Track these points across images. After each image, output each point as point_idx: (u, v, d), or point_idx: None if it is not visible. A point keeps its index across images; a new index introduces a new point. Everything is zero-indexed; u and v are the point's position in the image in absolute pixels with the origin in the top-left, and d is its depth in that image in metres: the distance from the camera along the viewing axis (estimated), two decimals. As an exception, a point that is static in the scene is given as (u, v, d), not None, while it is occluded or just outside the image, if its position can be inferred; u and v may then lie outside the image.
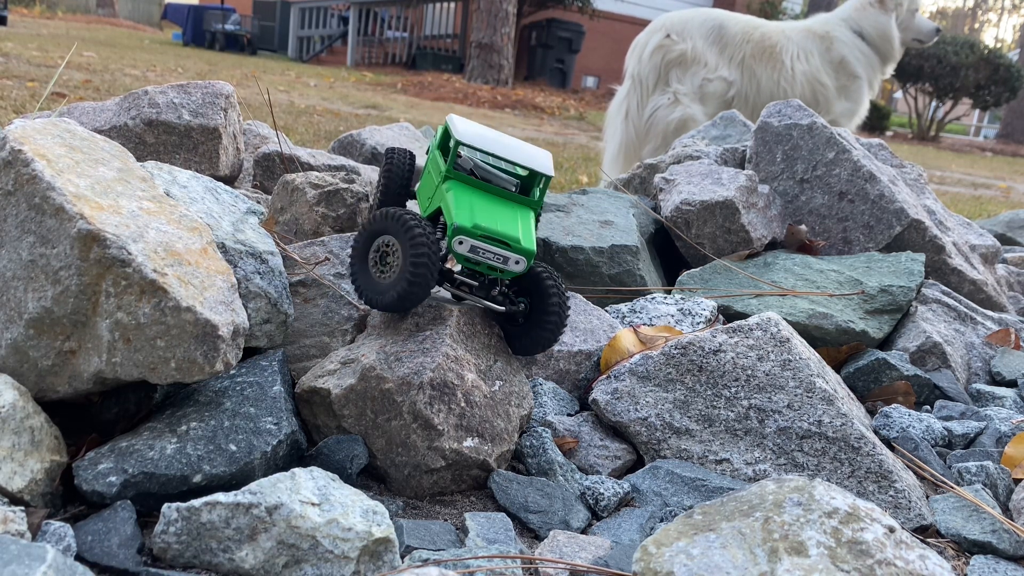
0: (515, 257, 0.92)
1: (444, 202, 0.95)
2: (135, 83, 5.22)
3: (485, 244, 0.90)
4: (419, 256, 0.88)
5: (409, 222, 0.90)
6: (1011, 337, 1.42)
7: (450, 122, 1.00)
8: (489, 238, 0.91)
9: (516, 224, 0.95)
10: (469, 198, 0.95)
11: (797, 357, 1.01)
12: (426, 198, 1.03)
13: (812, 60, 3.01)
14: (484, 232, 0.91)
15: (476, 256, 0.91)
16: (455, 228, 0.90)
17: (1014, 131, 14.68)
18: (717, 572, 0.65)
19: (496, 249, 0.91)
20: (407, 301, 0.90)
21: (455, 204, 0.93)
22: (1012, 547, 0.87)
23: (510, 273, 0.93)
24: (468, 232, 0.90)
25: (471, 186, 0.97)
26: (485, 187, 0.97)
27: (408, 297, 0.90)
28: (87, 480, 0.76)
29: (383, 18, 13.45)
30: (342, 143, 1.86)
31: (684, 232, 1.55)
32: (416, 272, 0.88)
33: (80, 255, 0.77)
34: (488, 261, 0.91)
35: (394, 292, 0.91)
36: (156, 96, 1.41)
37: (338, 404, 0.89)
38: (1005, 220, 2.47)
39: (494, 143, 0.98)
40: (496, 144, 0.98)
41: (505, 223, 0.93)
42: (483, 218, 0.92)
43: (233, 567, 0.70)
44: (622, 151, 3.04)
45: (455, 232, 0.90)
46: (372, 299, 0.94)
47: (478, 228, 0.91)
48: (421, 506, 0.87)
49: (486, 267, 0.92)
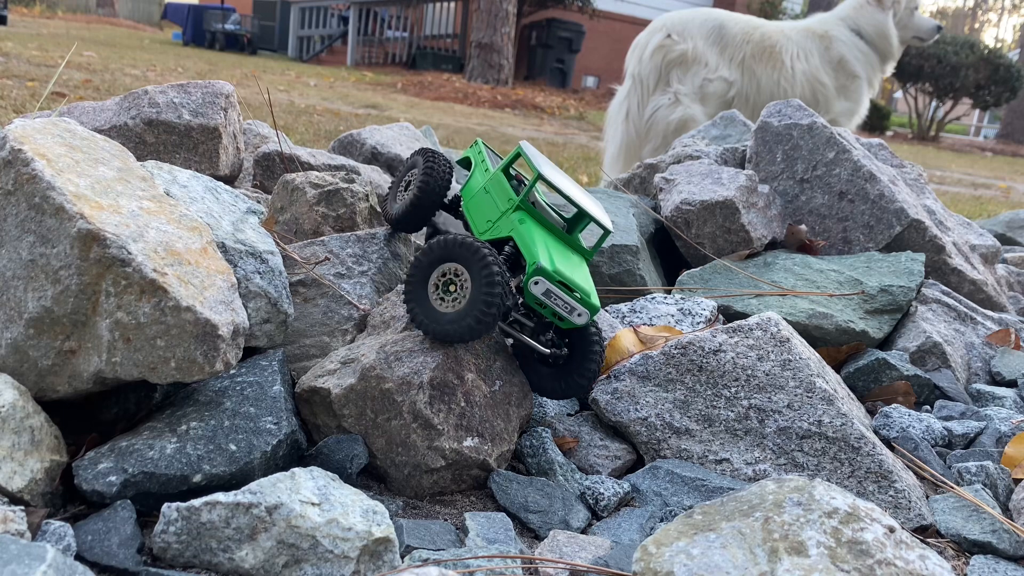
0: (581, 310, 0.90)
1: (519, 234, 0.92)
2: (135, 83, 5.22)
3: (559, 291, 0.89)
4: (493, 294, 0.85)
5: (486, 256, 0.86)
6: (1011, 337, 1.42)
7: (527, 152, 0.98)
8: (565, 286, 0.90)
9: (586, 276, 0.95)
10: (543, 238, 0.93)
11: (797, 357, 1.01)
12: (486, 220, 0.99)
13: (812, 60, 3.01)
14: (562, 279, 0.89)
15: (547, 300, 0.89)
16: (538, 268, 0.88)
17: (1014, 131, 14.68)
18: (717, 572, 0.65)
19: (568, 298, 0.89)
20: (472, 336, 0.87)
21: (535, 241, 0.91)
22: (1012, 547, 0.87)
23: (570, 323, 0.91)
24: (549, 276, 0.88)
25: (540, 224, 0.95)
26: (549, 226, 0.95)
27: (474, 333, 0.87)
28: (87, 480, 0.76)
29: (383, 18, 13.45)
30: (342, 143, 1.86)
31: (684, 232, 1.55)
32: (488, 311, 0.85)
33: (80, 254, 0.77)
34: (556, 307, 0.89)
35: (460, 326, 0.86)
36: (156, 96, 1.41)
37: (338, 404, 0.89)
38: (1005, 220, 2.47)
39: (568, 187, 0.97)
40: (570, 188, 0.97)
41: (578, 274, 0.93)
42: (561, 264, 0.91)
43: (233, 567, 0.70)
44: (623, 151, 3.04)
45: (536, 272, 0.88)
46: (429, 328, 0.89)
47: (558, 274, 0.89)
48: (421, 506, 0.87)
49: (550, 312, 0.90)
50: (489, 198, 1.00)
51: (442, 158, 1.07)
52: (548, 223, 0.95)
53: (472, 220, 1.02)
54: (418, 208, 1.06)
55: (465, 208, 1.04)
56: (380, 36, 13.38)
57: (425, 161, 1.07)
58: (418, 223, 1.09)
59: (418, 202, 1.06)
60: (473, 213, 1.02)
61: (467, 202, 1.04)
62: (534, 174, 0.94)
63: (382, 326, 1.02)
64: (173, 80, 5.81)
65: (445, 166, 1.06)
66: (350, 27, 13.30)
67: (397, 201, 1.13)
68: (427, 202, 1.06)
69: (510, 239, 0.95)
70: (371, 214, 1.33)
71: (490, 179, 1.01)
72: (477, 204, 1.02)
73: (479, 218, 1.00)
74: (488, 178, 1.02)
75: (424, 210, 1.07)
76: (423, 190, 1.05)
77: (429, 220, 1.09)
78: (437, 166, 1.06)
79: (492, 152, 1.14)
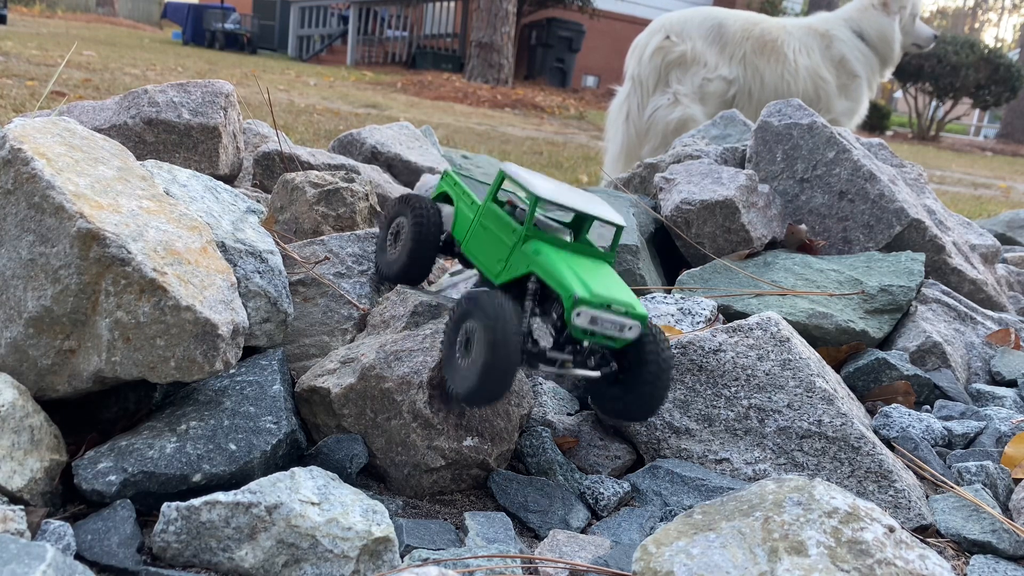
0: (630, 324, 0.84)
1: (540, 267, 0.85)
2: (135, 82, 5.21)
3: (605, 314, 0.82)
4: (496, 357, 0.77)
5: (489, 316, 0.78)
6: (1011, 337, 1.42)
7: (513, 173, 0.91)
8: (607, 307, 0.83)
9: (618, 284, 0.87)
10: (565, 260, 0.86)
11: (797, 357, 1.01)
12: (496, 261, 0.91)
13: (813, 55, 3.01)
14: (603, 301, 0.82)
15: (595, 327, 0.82)
16: (577, 300, 0.81)
17: (1014, 131, 14.67)
18: (717, 572, 0.65)
19: (614, 318, 0.83)
20: (483, 399, 0.80)
21: (560, 270, 0.84)
22: (1012, 547, 0.87)
23: (623, 341, 0.85)
24: (590, 303, 0.81)
25: (554, 245, 0.88)
26: (561, 243, 0.89)
27: (483, 396, 0.80)
28: (87, 479, 0.76)
29: (383, 17, 13.45)
30: (342, 142, 1.86)
31: (684, 231, 1.55)
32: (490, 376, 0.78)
33: (80, 254, 0.77)
34: (607, 332, 0.83)
35: (469, 388, 0.80)
36: (156, 95, 1.41)
37: (338, 403, 0.89)
38: (1005, 220, 2.47)
39: (566, 195, 0.91)
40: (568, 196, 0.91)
41: (612, 286, 0.86)
42: (594, 282, 0.84)
43: (233, 566, 0.70)
44: (623, 152, 3.05)
45: (577, 304, 0.81)
46: (450, 387, 0.84)
47: (597, 297, 0.82)
48: (421, 505, 0.87)
49: (602, 338, 0.84)
50: (490, 234, 0.93)
51: (426, 201, 1.02)
52: (560, 240, 0.89)
53: (481, 264, 0.94)
54: (416, 258, 1.01)
55: (466, 251, 0.97)
56: (380, 35, 13.37)
57: (412, 208, 1.02)
58: (419, 274, 1.03)
59: (415, 252, 1.01)
60: (479, 255, 0.95)
61: (466, 244, 0.97)
62: (531, 198, 0.88)
63: (382, 326, 1.02)
64: (173, 79, 5.81)
65: (432, 209, 1.02)
66: (350, 26, 13.30)
67: (389, 256, 1.06)
68: (425, 250, 1.01)
69: (531, 274, 0.88)
70: (371, 213, 1.33)
71: (482, 213, 0.95)
72: (479, 244, 0.95)
73: (488, 260, 0.93)
74: (479, 212, 0.95)
75: (423, 260, 1.01)
76: (418, 239, 1.00)
77: (430, 269, 1.03)
78: (425, 210, 1.01)
79: (468, 178, 1.07)
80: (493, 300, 0.80)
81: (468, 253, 0.96)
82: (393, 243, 1.06)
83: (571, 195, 0.92)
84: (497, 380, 0.79)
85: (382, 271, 1.08)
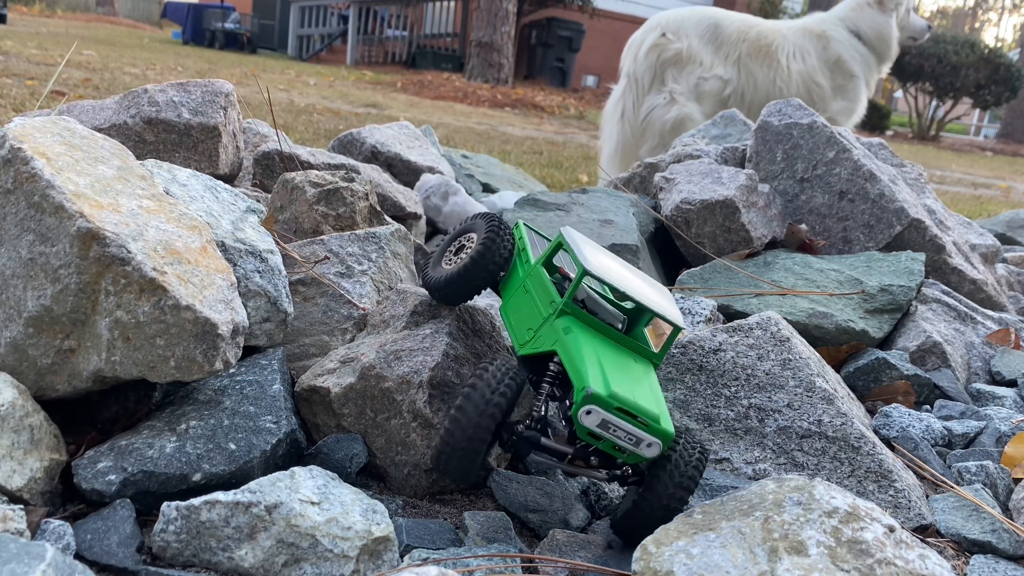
0: (650, 440, 0.73)
1: (563, 348, 0.76)
2: (135, 81, 5.21)
3: (619, 420, 0.71)
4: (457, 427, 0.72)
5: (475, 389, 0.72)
6: (1011, 337, 1.42)
7: (570, 240, 0.82)
8: (626, 412, 0.72)
9: (652, 393, 0.76)
10: (595, 348, 0.76)
11: (797, 356, 1.01)
12: (526, 329, 0.83)
13: (808, 59, 3.01)
14: (622, 404, 0.72)
15: (604, 432, 0.72)
16: (588, 396, 0.71)
17: (1014, 131, 14.68)
18: (717, 571, 0.65)
19: (630, 428, 0.72)
20: (440, 468, 0.74)
21: (583, 358, 0.74)
22: (1012, 547, 0.87)
23: (637, 458, 0.74)
24: (604, 402, 0.71)
25: (591, 327, 0.79)
26: (602, 327, 0.79)
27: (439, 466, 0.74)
28: (86, 479, 0.76)
29: (383, 17, 13.44)
30: (342, 142, 1.86)
31: (684, 231, 1.55)
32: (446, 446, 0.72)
33: (79, 253, 0.77)
34: (618, 441, 0.72)
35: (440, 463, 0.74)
36: (156, 94, 1.41)
37: (338, 403, 0.89)
38: (1005, 220, 2.47)
39: (625, 278, 0.81)
40: (627, 279, 0.81)
41: (643, 391, 0.75)
42: (620, 381, 0.73)
43: (232, 566, 0.70)
44: (619, 151, 3.05)
45: (587, 400, 0.71)
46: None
47: (615, 399, 0.71)
48: (421, 505, 0.87)
49: (609, 446, 0.73)
50: (530, 299, 0.84)
51: (507, 228, 0.91)
52: (601, 325, 0.79)
53: (511, 328, 0.86)
54: (466, 279, 0.89)
55: (503, 312, 0.89)
56: (380, 35, 13.37)
57: (487, 227, 0.91)
58: (461, 296, 0.92)
59: (468, 272, 0.89)
60: (513, 319, 0.86)
61: (505, 304, 0.88)
62: (579, 269, 0.77)
63: (382, 325, 1.02)
64: (173, 79, 5.81)
65: (508, 238, 0.90)
66: (350, 26, 13.30)
67: (443, 266, 0.96)
68: (479, 275, 0.89)
69: (555, 353, 0.79)
70: (371, 213, 1.33)
71: (529, 275, 0.86)
72: (517, 307, 0.86)
73: (519, 326, 0.84)
74: (527, 273, 0.86)
75: (473, 283, 0.90)
76: (478, 260, 0.89)
77: (474, 296, 0.92)
78: (500, 236, 0.89)
79: (537, 234, 0.98)
80: (483, 364, 0.74)
81: (504, 313, 0.88)
82: (454, 253, 0.96)
83: (629, 279, 0.82)
84: (456, 454, 0.72)
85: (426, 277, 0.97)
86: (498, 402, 0.72)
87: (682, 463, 0.76)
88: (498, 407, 0.72)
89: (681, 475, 0.75)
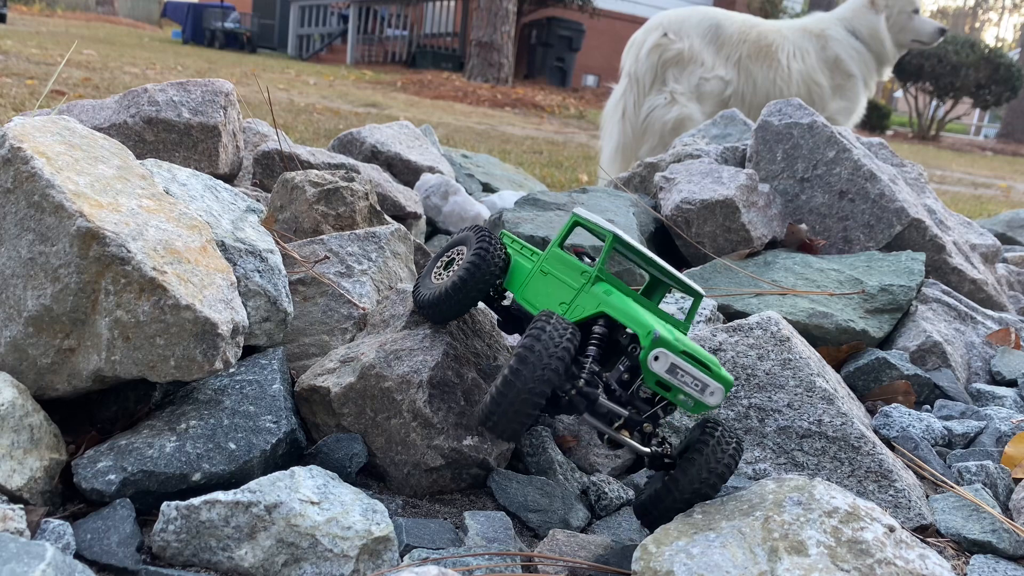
0: (714, 386, 0.72)
1: (612, 306, 0.76)
2: (135, 81, 5.21)
3: (685, 364, 0.71)
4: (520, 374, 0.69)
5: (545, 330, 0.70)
6: (1011, 336, 1.42)
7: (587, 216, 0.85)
8: (691, 357, 0.72)
9: (700, 349, 0.76)
10: (643, 305, 0.78)
11: (797, 356, 1.01)
12: (557, 304, 0.82)
13: (808, 59, 3.02)
14: (685, 348, 0.72)
15: (671, 378, 0.71)
16: (657, 338, 0.70)
17: (1014, 130, 14.68)
18: (717, 571, 0.65)
19: (696, 372, 0.72)
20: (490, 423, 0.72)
21: (637, 310, 0.75)
22: (1012, 547, 0.87)
23: (703, 407, 0.73)
24: (671, 346, 0.71)
25: (628, 295, 0.80)
26: (634, 295, 0.80)
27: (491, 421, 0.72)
28: (86, 478, 0.76)
29: (383, 16, 13.44)
30: (342, 141, 1.86)
31: (684, 231, 1.55)
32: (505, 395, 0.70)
33: (79, 253, 0.77)
34: (685, 387, 0.72)
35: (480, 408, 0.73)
36: (156, 94, 1.41)
37: (337, 402, 0.89)
38: (1005, 219, 2.47)
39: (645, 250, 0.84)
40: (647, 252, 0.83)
41: (693, 345, 0.74)
42: (676, 334, 0.74)
43: (232, 565, 0.70)
44: (619, 150, 3.05)
45: (655, 344, 0.70)
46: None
47: (680, 342, 0.71)
48: (421, 504, 0.87)
49: (678, 394, 0.72)
50: (551, 279, 0.85)
51: (498, 240, 0.91)
52: (634, 294, 0.81)
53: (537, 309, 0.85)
54: (459, 294, 0.88)
55: (521, 298, 0.88)
56: (380, 34, 13.37)
57: (478, 239, 0.90)
58: (453, 313, 0.91)
59: (462, 286, 0.88)
60: (536, 300, 0.85)
61: (521, 292, 0.88)
62: (609, 237, 0.80)
63: (382, 325, 1.02)
64: (173, 78, 5.81)
65: (500, 249, 0.90)
66: (350, 25, 13.29)
67: (433, 281, 0.95)
68: (472, 289, 0.88)
69: (598, 318, 0.78)
70: (370, 213, 1.32)
71: (546, 259, 0.87)
72: (537, 290, 0.86)
73: (548, 304, 0.84)
74: (542, 258, 0.87)
75: (465, 299, 0.88)
76: (471, 273, 0.87)
77: (467, 312, 0.91)
78: (491, 247, 0.88)
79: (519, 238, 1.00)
80: (537, 323, 0.72)
81: (523, 300, 0.87)
82: (444, 268, 0.95)
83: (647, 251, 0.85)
84: (510, 412, 0.70)
85: (417, 295, 0.96)
86: (561, 356, 0.70)
87: (719, 449, 0.76)
88: (562, 361, 0.70)
89: (717, 460, 0.75)
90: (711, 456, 0.75)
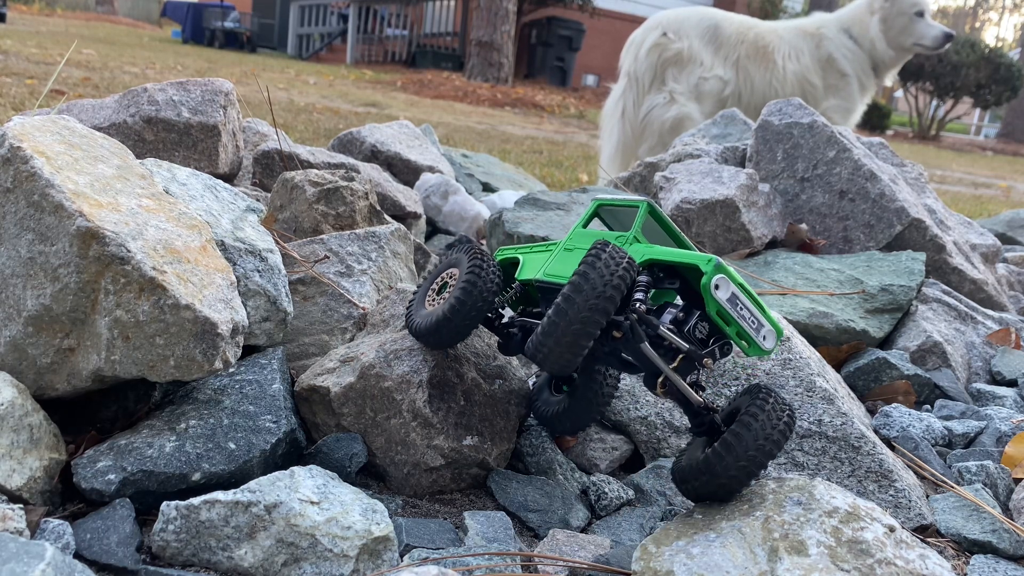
0: (768, 328, 0.71)
1: (659, 253, 0.74)
2: (134, 80, 5.21)
3: (744, 296, 0.69)
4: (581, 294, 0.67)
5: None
6: (1011, 336, 1.42)
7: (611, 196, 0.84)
8: (747, 292, 0.70)
9: None
10: None
11: (797, 356, 1.01)
12: None
13: (803, 59, 3.03)
14: (744, 284, 0.70)
15: (732, 309, 0.69)
16: (717, 265, 0.68)
17: (1015, 130, 14.69)
18: (717, 571, 0.65)
19: (753, 309, 0.70)
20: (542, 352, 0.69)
21: (685, 251, 0.73)
22: (1012, 547, 0.87)
23: (758, 350, 0.71)
24: (729, 274, 0.69)
25: None
26: None
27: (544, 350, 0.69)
28: (86, 478, 0.75)
29: (383, 16, 13.44)
30: (342, 141, 1.86)
31: (684, 230, 1.55)
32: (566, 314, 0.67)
33: (79, 252, 0.77)
34: (743, 321, 0.70)
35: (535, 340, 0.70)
36: (155, 93, 1.41)
37: (337, 402, 0.89)
38: (1006, 219, 2.47)
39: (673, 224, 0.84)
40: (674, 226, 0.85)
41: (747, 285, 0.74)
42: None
43: (232, 565, 0.70)
44: (619, 150, 3.06)
45: (717, 269, 0.68)
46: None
47: (734, 278, 0.70)
48: (420, 504, 0.87)
49: (736, 329, 0.70)
50: (580, 253, 0.82)
51: (490, 256, 0.85)
52: None
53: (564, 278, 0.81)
54: (457, 317, 0.82)
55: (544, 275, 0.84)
56: (380, 34, 13.37)
57: (470, 259, 0.84)
58: (450, 339, 0.85)
59: (457, 312, 0.82)
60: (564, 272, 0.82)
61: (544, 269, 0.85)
62: (643, 205, 0.80)
63: (382, 324, 1.02)
64: (172, 78, 5.80)
65: (494, 268, 0.84)
66: (350, 25, 13.30)
67: (426, 307, 0.90)
68: (471, 310, 0.82)
69: (643, 270, 0.74)
70: (370, 212, 1.32)
71: (570, 238, 0.85)
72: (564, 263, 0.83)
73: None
74: (567, 239, 0.86)
75: (465, 321, 0.82)
76: (468, 293, 0.82)
77: (468, 336, 0.86)
78: (485, 266, 0.83)
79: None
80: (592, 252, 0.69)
81: (548, 275, 0.83)
82: (437, 292, 0.91)
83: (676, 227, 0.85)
84: (563, 342, 0.66)
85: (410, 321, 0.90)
86: (617, 284, 0.67)
87: (774, 416, 0.71)
88: (618, 289, 0.66)
89: (772, 428, 0.70)
90: (767, 422, 0.70)
